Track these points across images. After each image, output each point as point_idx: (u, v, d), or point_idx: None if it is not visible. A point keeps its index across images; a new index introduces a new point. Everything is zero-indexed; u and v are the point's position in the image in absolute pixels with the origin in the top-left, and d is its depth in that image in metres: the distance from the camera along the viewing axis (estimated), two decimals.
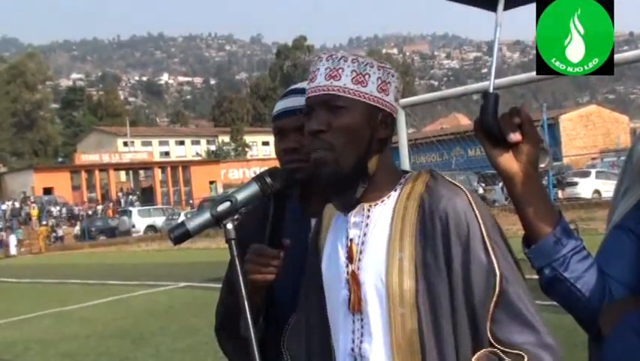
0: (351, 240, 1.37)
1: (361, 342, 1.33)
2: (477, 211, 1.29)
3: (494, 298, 1.24)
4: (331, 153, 1.33)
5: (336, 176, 1.34)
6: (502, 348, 1.25)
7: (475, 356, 1.24)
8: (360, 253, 1.35)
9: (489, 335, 1.25)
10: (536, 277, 1.38)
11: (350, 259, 1.36)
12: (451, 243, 1.27)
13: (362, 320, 1.33)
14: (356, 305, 1.33)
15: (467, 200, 1.30)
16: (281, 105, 1.77)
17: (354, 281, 1.34)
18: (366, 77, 1.34)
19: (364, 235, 1.36)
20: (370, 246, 1.34)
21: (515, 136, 1.30)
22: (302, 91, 1.73)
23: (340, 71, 1.35)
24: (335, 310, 1.39)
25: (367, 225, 1.36)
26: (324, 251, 1.45)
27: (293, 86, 1.80)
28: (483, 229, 1.28)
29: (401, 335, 1.28)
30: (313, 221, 1.72)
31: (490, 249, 1.26)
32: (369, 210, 1.37)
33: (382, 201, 1.36)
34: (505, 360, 1.23)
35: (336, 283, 1.39)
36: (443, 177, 1.35)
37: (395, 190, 1.37)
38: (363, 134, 1.33)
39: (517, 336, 1.24)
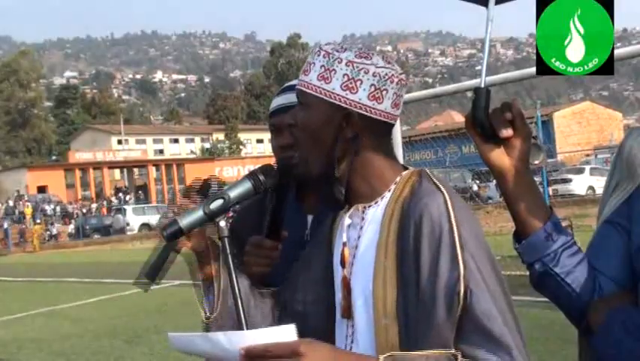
0: (344, 243, 1.32)
1: (351, 348, 1.29)
2: (453, 216, 1.19)
3: (459, 313, 1.14)
4: (300, 150, 1.31)
5: (307, 176, 1.30)
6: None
7: (436, 352, 1.15)
8: (353, 257, 1.31)
9: (455, 350, 1.15)
10: (527, 273, 1.38)
11: (343, 263, 1.32)
12: (422, 251, 1.18)
13: (353, 326, 1.30)
14: (346, 311, 1.30)
15: (444, 204, 1.20)
16: (277, 102, 1.77)
17: (344, 287, 1.31)
18: (332, 73, 1.27)
19: (358, 237, 1.31)
20: (361, 251, 1.30)
21: (507, 131, 1.29)
22: None
23: (312, 65, 1.29)
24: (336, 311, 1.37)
25: (362, 227, 1.31)
26: (334, 249, 1.40)
27: (289, 83, 1.80)
28: (456, 236, 1.17)
29: (385, 346, 1.22)
30: (309, 217, 1.73)
31: (459, 259, 1.16)
32: (363, 212, 1.31)
33: (376, 203, 1.30)
34: None
35: (336, 285, 1.36)
36: (430, 178, 1.27)
37: (389, 190, 1.30)
38: (325, 134, 1.27)
39: (483, 353, 1.14)
